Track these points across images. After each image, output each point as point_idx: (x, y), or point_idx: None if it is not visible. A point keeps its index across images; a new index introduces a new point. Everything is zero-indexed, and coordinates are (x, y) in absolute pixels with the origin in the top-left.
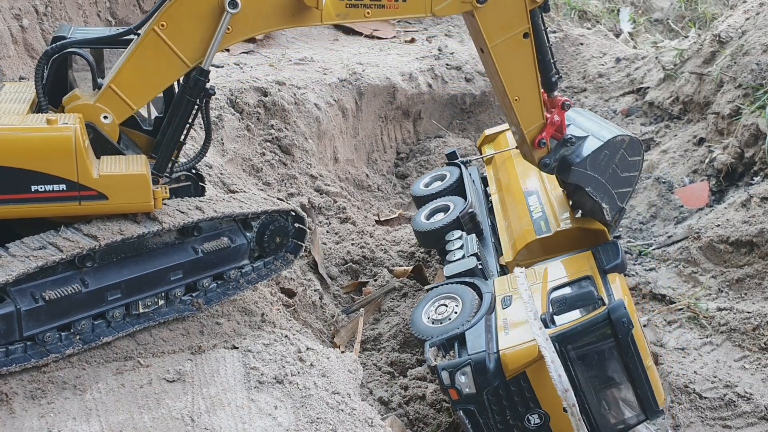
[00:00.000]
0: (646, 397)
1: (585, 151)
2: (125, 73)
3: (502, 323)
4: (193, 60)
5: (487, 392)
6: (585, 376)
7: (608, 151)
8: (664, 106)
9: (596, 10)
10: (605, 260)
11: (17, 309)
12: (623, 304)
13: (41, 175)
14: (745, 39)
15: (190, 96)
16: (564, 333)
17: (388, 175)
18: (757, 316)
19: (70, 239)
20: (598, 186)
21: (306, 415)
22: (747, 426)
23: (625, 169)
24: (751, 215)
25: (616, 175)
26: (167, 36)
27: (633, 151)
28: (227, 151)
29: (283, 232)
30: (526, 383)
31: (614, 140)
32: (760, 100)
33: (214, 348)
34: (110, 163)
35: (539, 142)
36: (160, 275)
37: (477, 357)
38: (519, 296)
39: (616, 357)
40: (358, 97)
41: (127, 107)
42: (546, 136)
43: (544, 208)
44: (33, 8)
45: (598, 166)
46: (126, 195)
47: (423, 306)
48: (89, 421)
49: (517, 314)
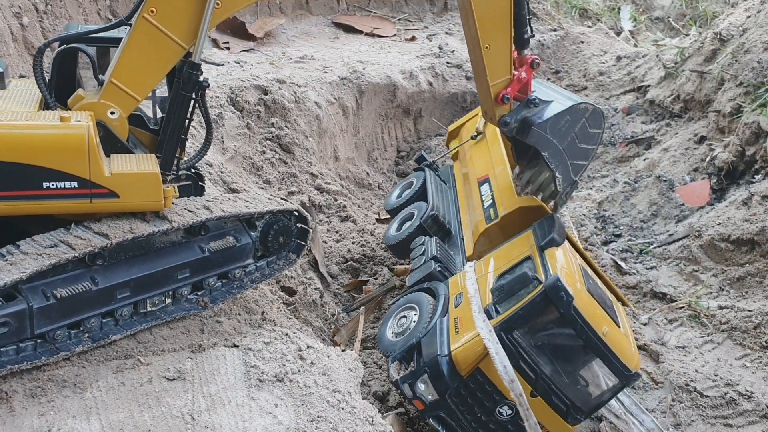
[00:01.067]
0: (612, 363)
1: (547, 113)
2: (124, 66)
3: (453, 323)
4: (187, 41)
5: (450, 395)
6: (543, 358)
7: (570, 117)
8: (665, 104)
9: (597, 8)
10: (541, 236)
11: (29, 306)
12: (557, 278)
13: (53, 172)
14: (746, 37)
15: (185, 91)
16: (506, 321)
17: (388, 173)
18: (758, 315)
19: (81, 237)
20: (555, 153)
21: (306, 413)
22: (748, 424)
23: (584, 140)
24: (752, 213)
25: (574, 145)
26: (158, 21)
27: (594, 122)
28: (227, 150)
29: (287, 231)
30: (484, 378)
31: (578, 107)
32: (761, 98)
33: (214, 346)
34: (121, 162)
35: (503, 98)
36: (167, 274)
37: (431, 362)
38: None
39: (567, 332)
40: (358, 95)
41: (131, 99)
42: (511, 92)
43: (493, 194)
44: (33, 6)
45: (558, 131)
46: (137, 193)
47: (387, 321)
48: (89, 420)
49: (466, 312)
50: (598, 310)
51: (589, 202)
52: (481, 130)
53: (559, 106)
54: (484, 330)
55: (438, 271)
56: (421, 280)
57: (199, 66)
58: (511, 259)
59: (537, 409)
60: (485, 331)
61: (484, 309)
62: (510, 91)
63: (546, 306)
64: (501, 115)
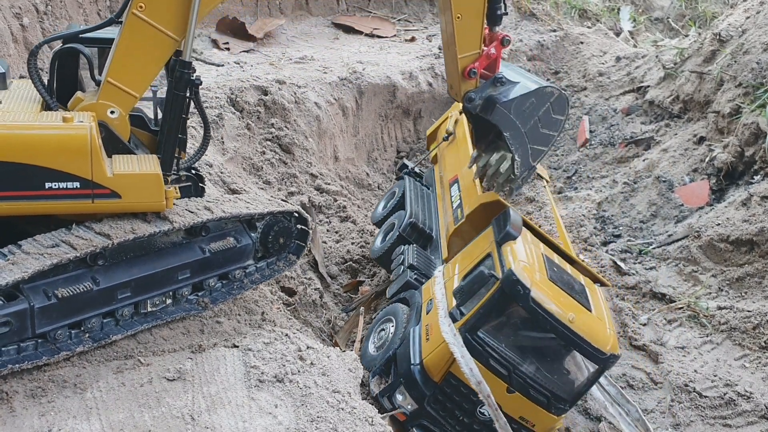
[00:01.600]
0: (584, 349)
1: (513, 93)
2: (118, 64)
3: (425, 330)
4: (179, 33)
5: (428, 402)
6: (516, 353)
7: (535, 100)
8: (664, 104)
9: (597, 9)
10: (497, 232)
11: (31, 306)
12: (511, 272)
13: (56, 173)
14: (746, 38)
15: (178, 90)
16: (469, 321)
17: (388, 173)
18: (757, 315)
19: (83, 237)
20: (516, 135)
21: (306, 413)
22: (747, 425)
23: (546, 126)
24: (751, 214)
25: (536, 129)
26: (147, 16)
27: (559, 108)
28: (227, 150)
29: (287, 233)
30: (457, 381)
31: (544, 90)
32: (761, 99)
33: (214, 347)
34: (123, 162)
35: (469, 72)
36: (168, 274)
37: (405, 372)
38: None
39: (531, 324)
40: (358, 95)
41: (130, 97)
42: (478, 67)
43: (461, 194)
44: (33, 7)
45: (522, 113)
46: (139, 194)
47: (370, 335)
48: (89, 420)
49: (435, 317)
50: (562, 297)
51: (589, 202)
52: (452, 131)
53: (525, 88)
54: (449, 334)
55: (414, 279)
56: (398, 291)
57: (190, 64)
58: (474, 258)
59: (518, 404)
60: (450, 335)
61: (449, 313)
62: (477, 66)
63: (505, 301)
64: (466, 91)
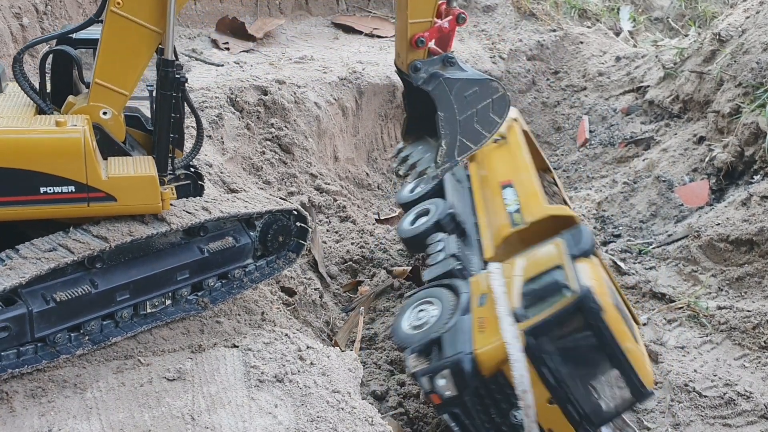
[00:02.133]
0: (631, 379)
1: (459, 75)
2: (104, 63)
3: (477, 322)
4: (161, 26)
5: (469, 393)
6: (565, 366)
7: (479, 90)
8: (664, 104)
9: (596, 9)
10: (573, 246)
11: (29, 311)
12: (589, 289)
13: (50, 177)
14: (746, 37)
15: (163, 90)
16: (535, 326)
17: (388, 173)
18: (757, 315)
19: (80, 241)
20: (449, 119)
21: (306, 413)
22: (747, 424)
23: (481, 122)
24: (751, 214)
25: (470, 122)
26: (126, 11)
27: (498, 108)
28: (227, 150)
29: (286, 231)
30: (504, 381)
31: (490, 83)
32: (760, 99)
33: (214, 347)
34: (118, 165)
35: (418, 40)
36: (167, 275)
37: (453, 359)
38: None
39: (592, 343)
40: (358, 95)
41: (120, 96)
42: (428, 37)
43: (519, 200)
44: (33, 7)
45: (462, 98)
46: (134, 197)
47: (404, 313)
48: (89, 420)
49: (491, 312)
50: (622, 325)
51: (588, 202)
52: (505, 135)
53: (472, 75)
54: (509, 334)
55: (457, 269)
56: (440, 276)
57: (173, 62)
58: (541, 265)
59: (551, 416)
60: (510, 335)
61: (512, 312)
62: (428, 36)
63: (576, 315)
64: (413, 60)
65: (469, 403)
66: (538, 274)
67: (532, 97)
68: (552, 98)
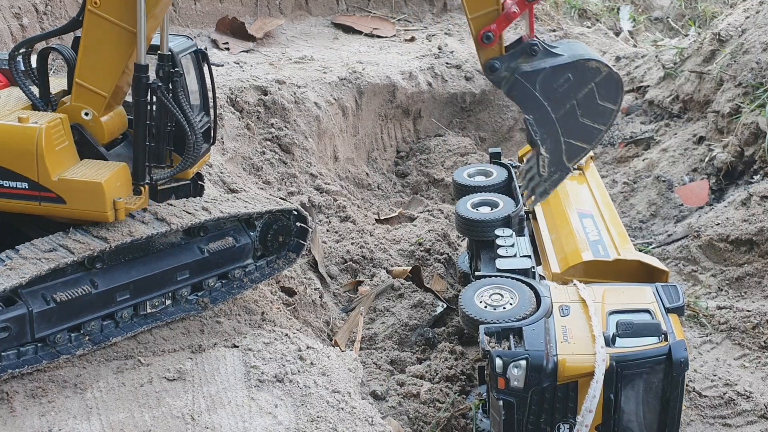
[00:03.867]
0: None
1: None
2: (84, 64)
3: (561, 330)
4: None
5: (534, 391)
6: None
7: (572, 77)
8: (664, 104)
9: (596, 9)
10: (667, 299)
11: (29, 311)
12: (684, 345)
13: (7, 172)
14: (745, 37)
15: (136, 96)
16: (626, 356)
17: (388, 173)
18: (756, 315)
19: (80, 241)
20: (543, 120)
21: (306, 413)
22: (747, 424)
23: (588, 115)
24: (750, 214)
25: (573, 118)
26: (103, 11)
27: (608, 93)
28: (227, 150)
29: (286, 231)
30: (574, 392)
31: (585, 63)
32: (760, 99)
33: (214, 347)
34: (79, 168)
35: (484, 36)
36: (167, 275)
37: (536, 354)
38: (579, 308)
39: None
40: (358, 95)
41: (99, 96)
42: (496, 30)
43: (601, 233)
44: (33, 7)
45: (552, 91)
46: (81, 201)
47: (474, 290)
48: (90, 420)
49: (576, 325)
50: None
51: None
52: (582, 167)
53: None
54: (600, 354)
55: (532, 271)
56: (514, 272)
57: (146, 67)
58: (627, 302)
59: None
60: (601, 356)
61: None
62: (495, 29)
63: (662, 362)
64: (488, 58)
65: (529, 400)
66: (627, 310)
67: None
68: None
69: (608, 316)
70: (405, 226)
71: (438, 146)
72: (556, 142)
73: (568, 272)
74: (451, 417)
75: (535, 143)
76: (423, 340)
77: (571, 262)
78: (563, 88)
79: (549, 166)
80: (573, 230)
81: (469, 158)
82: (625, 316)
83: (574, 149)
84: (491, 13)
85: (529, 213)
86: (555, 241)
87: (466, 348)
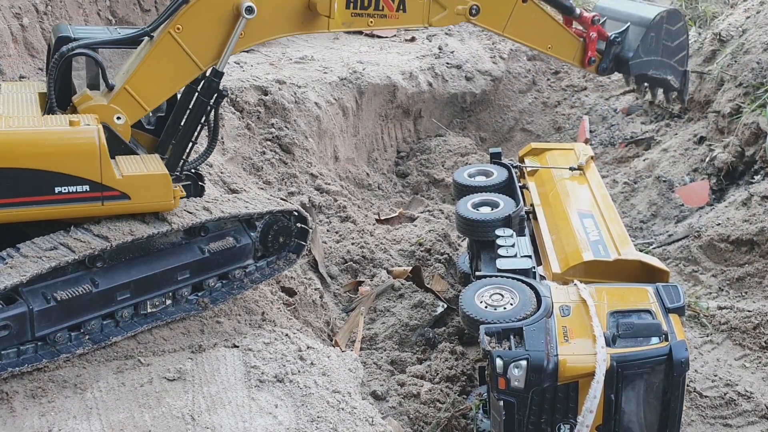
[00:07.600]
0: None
1: (633, 42)
2: (140, 75)
3: (561, 330)
4: (206, 63)
5: (534, 391)
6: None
7: (654, 33)
8: (664, 104)
9: None
10: (668, 300)
11: (30, 309)
12: (685, 345)
13: (65, 177)
14: (746, 37)
15: (204, 97)
16: (627, 356)
17: (388, 173)
18: (757, 315)
19: (81, 240)
20: (658, 65)
21: (306, 413)
22: (747, 424)
23: (672, 38)
24: (751, 214)
25: (668, 48)
26: (182, 39)
27: (674, 20)
28: (227, 150)
29: (287, 232)
30: (575, 393)
31: (654, 22)
32: (761, 99)
33: (214, 347)
34: (129, 163)
35: (589, 61)
36: (167, 275)
37: (536, 355)
38: (579, 308)
39: (660, 391)
40: (358, 95)
41: (140, 108)
42: (592, 53)
43: (601, 233)
44: (33, 7)
45: (650, 49)
46: (148, 194)
47: (474, 290)
48: (90, 420)
49: (577, 325)
50: None
51: None
52: (583, 167)
53: (638, 30)
54: (601, 354)
55: (533, 271)
56: (514, 272)
57: (222, 75)
58: (628, 303)
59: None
60: (602, 357)
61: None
62: (591, 53)
63: (663, 362)
64: (596, 66)
65: (530, 400)
66: (626, 310)
67: (532, 97)
68: (552, 98)
69: (609, 317)
70: (405, 227)
71: (438, 146)
72: (671, 67)
73: (569, 272)
74: (451, 417)
75: (662, 82)
76: (423, 340)
77: (572, 262)
78: (654, 42)
79: (676, 81)
80: (573, 230)
81: (470, 158)
82: (630, 317)
83: (680, 59)
84: (579, 48)
85: (529, 213)
86: (555, 241)
87: (467, 348)
